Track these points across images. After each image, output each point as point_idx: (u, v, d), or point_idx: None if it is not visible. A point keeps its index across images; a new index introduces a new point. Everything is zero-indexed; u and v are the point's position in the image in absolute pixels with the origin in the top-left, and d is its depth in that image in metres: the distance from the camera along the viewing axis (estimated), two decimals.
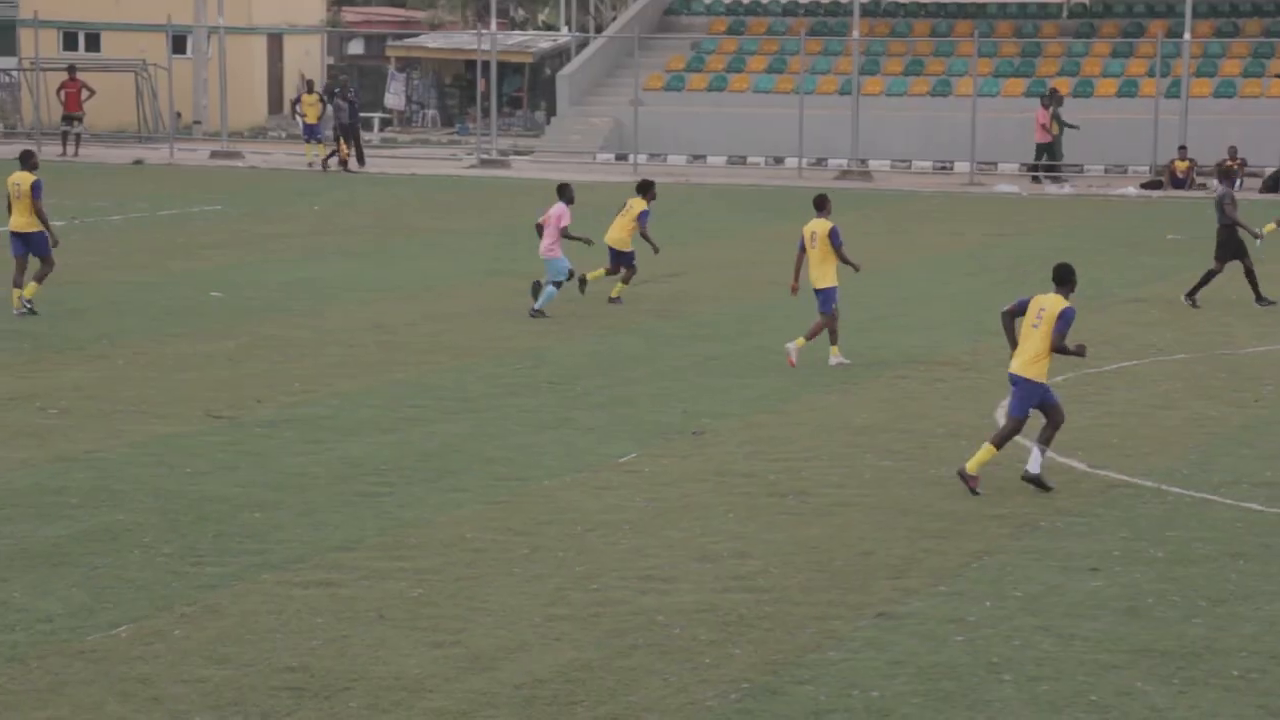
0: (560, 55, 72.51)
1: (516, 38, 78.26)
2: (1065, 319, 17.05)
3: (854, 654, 12.53)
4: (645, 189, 28.82)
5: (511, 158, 58.83)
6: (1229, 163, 38.18)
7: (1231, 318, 27.76)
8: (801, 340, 23.30)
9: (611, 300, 28.63)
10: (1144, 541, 15.45)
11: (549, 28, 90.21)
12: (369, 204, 45.63)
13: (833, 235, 23.19)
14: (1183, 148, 50.97)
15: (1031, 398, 17.26)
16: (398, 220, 41.79)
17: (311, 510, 16.26)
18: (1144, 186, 50.90)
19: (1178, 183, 50.53)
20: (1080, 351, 17.61)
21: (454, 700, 11.60)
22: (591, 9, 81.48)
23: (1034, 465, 17.19)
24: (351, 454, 18.50)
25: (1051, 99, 53.03)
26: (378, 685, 11.85)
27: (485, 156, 57.74)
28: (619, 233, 28.70)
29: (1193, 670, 12.26)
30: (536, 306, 27.29)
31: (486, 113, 60.19)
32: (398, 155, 60.21)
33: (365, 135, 58.42)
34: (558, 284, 27.45)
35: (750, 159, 57.82)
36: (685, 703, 11.59)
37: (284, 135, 67.80)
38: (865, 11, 60.68)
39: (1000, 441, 17.32)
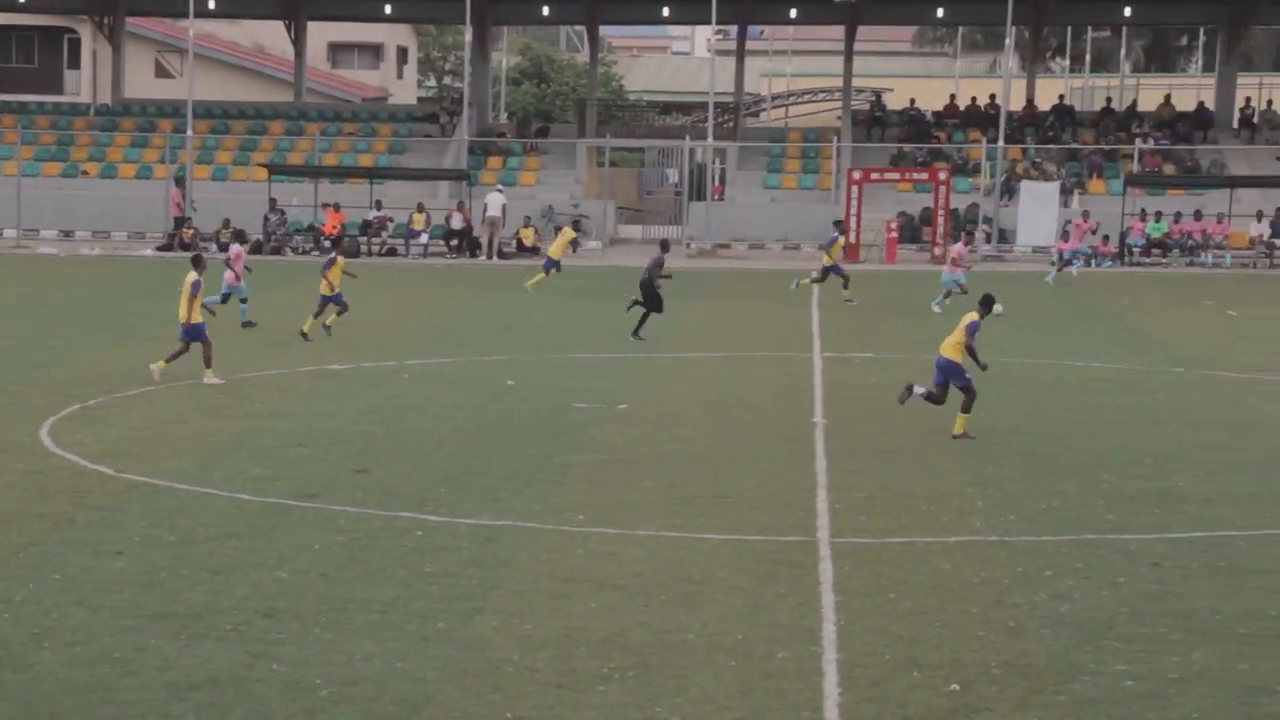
0: None
1: None
2: (972, 329, 20.08)
3: None
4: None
5: None
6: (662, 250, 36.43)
7: (233, 346, 27.89)
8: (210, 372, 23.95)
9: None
10: (160, 529, 15.27)
11: None
12: None
13: (192, 286, 23.58)
14: (190, 217, 50.95)
15: (956, 372, 20.05)
16: None
17: None
18: (159, 249, 50.57)
19: (185, 246, 50.40)
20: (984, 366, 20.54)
21: None
22: None
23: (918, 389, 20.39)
24: None
25: (179, 181, 52.26)
26: None
27: None
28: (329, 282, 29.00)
29: (195, 627, 12.22)
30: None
31: None
32: None
33: None
34: None
35: None
36: None
37: None
38: None
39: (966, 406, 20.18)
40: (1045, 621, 12.68)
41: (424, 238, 50.85)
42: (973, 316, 20.32)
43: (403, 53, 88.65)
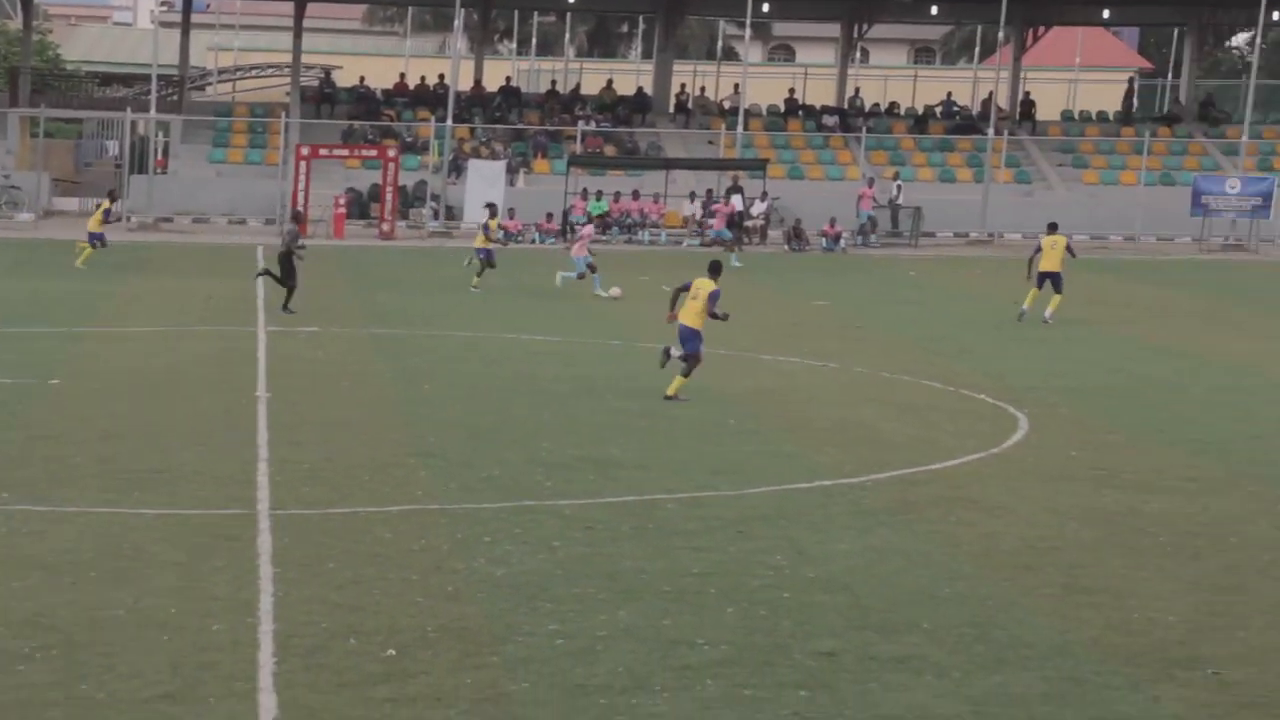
0: None
1: None
2: (714, 297, 21.32)
3: None
4: None
5: None
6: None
7: None
8: None
9: None
10: None
11: None
12: None
13: None
14: None
15: (694, 339, 21.37)
16: None
17: None
18: None
19: None
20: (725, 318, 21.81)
21: None
22: None
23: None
24: None
25: None
26: None
27: None
28: None
29: None
30: None
31: None
32: None
33: None
34: None
35: None
36: None
37: None
38: None
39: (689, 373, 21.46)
40: (482, 586, 12.88)
41: None
42: (711, 285, 21.67)
43: None
